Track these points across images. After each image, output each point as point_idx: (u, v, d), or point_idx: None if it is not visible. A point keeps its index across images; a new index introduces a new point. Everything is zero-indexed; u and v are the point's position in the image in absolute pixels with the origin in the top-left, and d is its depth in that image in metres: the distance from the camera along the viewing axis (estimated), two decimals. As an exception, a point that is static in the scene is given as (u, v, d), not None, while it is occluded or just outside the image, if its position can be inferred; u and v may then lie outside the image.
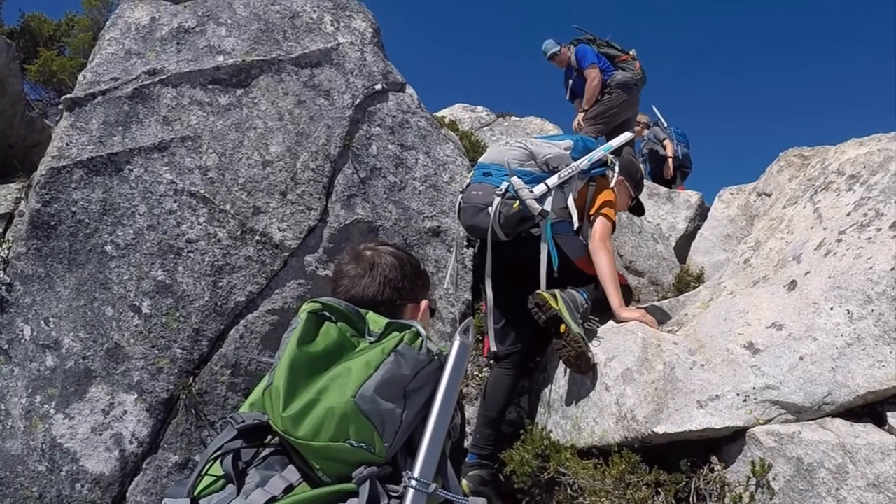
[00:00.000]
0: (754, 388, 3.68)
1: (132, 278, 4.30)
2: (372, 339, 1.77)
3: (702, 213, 6.32)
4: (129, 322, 4.25)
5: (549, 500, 4.26)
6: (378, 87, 5.08)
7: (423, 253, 4.81)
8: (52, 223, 4.29)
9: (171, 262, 4.35)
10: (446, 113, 7.44)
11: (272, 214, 4.52)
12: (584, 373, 4.19)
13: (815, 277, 3.94)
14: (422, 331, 1.76)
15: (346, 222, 4.65)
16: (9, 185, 4.94)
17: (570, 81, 8.91)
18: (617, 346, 4.26)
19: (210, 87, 4.71)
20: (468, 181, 4.44)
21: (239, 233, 4.45)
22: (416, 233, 4.85)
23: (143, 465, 4.12)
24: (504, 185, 4.21)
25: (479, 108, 7.66)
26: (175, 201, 4.45)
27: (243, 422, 1.69)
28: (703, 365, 3.92)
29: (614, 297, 4.39)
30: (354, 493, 1.55)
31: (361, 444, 1.58)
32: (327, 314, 1.81)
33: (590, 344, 4.23)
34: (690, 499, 3.78)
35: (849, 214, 4.08)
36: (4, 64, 5.29)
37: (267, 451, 1.68)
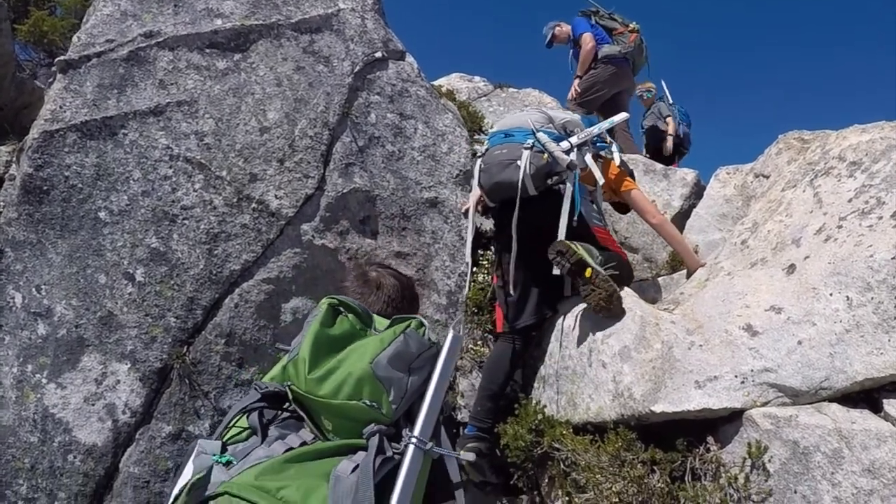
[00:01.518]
0: (752, 371, 3.70)
1: (126, 245, 4.24)
2: (377, 333, 2.12)
3: (697, 192, 6.29)
4: (122, 290, 4.19)
5: (541, 474, 4.30)
6: (378, 54, 4.99)
7: (420, 224, 4.77)
8: (45, 188, 4.21)
9: (165, 229, 4.29)
10: (443, 82, 7.33)
11: (269, 182, 4.46)
12: (617, 315, 4.25)
13: (814, 262, 3.95)
14: (424, 322, 2.13)
15: (344, 191, 4.59)
16: (-1, 147, 4.83)
17: (571, 53, 8.86)
18: (614, 322, 4.28)
19: (208, 50, 4.60)
20: (485, 147, 4.50)
21: (235, 200, 4.39)
22: (414, 203, 4.80)
23: (137, 436, 4.09)
24: (530, 140, 4.32)
25: (477, 78, 7.55)
26: (170, 167, 4.37)
27: (266, 388, 2.04)
28: (701, 345, 3.94)
29: (692, 260, 4.85)
30: (363, 448, 1.87)
31: (374, 404, 1.92)
32: (342, 309, 2.17)
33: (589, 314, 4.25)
34: (686, 477, 3.83)
35: (850, 201, 4.08)
36: (-6, 24, 5.11)
37: (285, 414, 2.03)
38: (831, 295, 3.76)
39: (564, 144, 4.38)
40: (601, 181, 4.46)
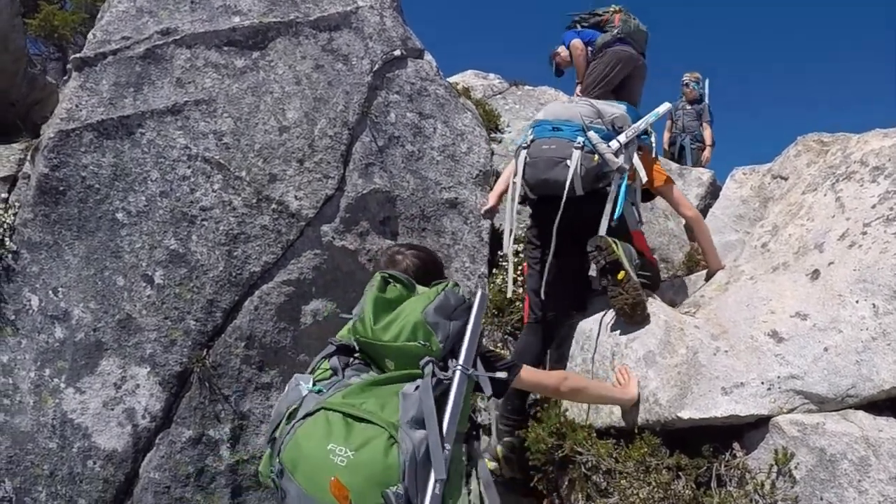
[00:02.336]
0: (779, 377, 3.71)
1: (144, 247, 4.18)
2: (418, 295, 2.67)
3: (713, 192, 6.28)
4: (141, 292, 4.13)
5: (561, 477, 4.28)
6: (397, 52, 4.92)
7: (440, 225, 4.72)
8: (61, 188, 4.14)
9: (184, 230, 4.23)
10: (458, 80, 7.25)
11: (289, 182, 4.40)
12: (638, 323, 4.22)
13: (839, 269, 3.95)
14: (458, 283, 2.79)
15: (364, 192, 4.54)
16: (11, 145, 4.74)
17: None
18: (638, 327, 4.27)
19: (226, 48, 4.52)
20: (529, 138, 4.36)
21: (254, 201, 4.33)
22: (433, 204, 4.75)
23: (157, 441, 4.06)
24: (580, 139, 4.22)
25: (492, 75, 7.46)
26: (189, 167, 4.30)
27: (339, 341, 2.66)
28: (726, 351, 3.94)
29: (715, 261, 4.85)
30: (420, 376, 2.42)
31: (426, 343, 2.49)
32: (391, 279, 2.72)
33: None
34: (711, 484, 3.83)
35: (874, 207, 4.08)
36: (7, 20, 5.05)
37: (355, 361, 2.61)
38: (857, 302, 3.77)
39: (614, 144, 4.30)
40: (645, 180, 4.42)
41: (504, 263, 5.03)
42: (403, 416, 2.30)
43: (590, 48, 8.13)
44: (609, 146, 4.26)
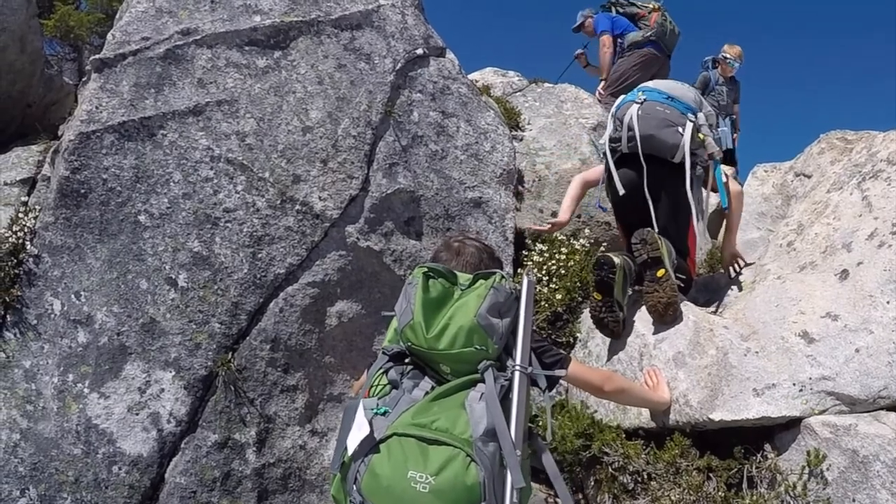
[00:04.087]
0: (810, 379, 3.71)
1: (167, 249, 4.13)
2: (463, 288, 2.67)
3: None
4: (164, 296, 4.09)
5: (587, 478, 4.28)
6: (419, 51, 4.87)
7: (465, 224, 4.68)
8: (82, 191, 4.09)
9: (207, 232, 4.18)
10: (477, 77, 7.20)
11: (312, 183, 4.35)
12: (668, 323, 4.28)
13: (869, 269, 3.95)
14: (504, 273, 2.70)
15: (388, 192, 4.49)
16: (30, 147, 4.70)
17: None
18: (667, 327, 4.26)
19: (247, 48, 4.47)
20: (641, 97, 4.60)
21: (278, 202, 4.28)
22: (458, 203, 4.71)
23: (182, 445, 4.02)
24: (691, 115, 4.52)
25: (511, 72, 7.43)
26: (211, 168, 4.25)
27: (392, 350, 2.66)
28: (757, 352, 3.93)
29: (733, 242, 4.95)
30: (481, 380, 2.50)
31: (482, 347, 2.53)
32: (432, 274, 2.68)
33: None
34: (742, 485, 3.83)
35: (902, 206, 4.08)
36: (24, 21, 5.01)
37: (408, 368, 2.62)
38: (888, 303, 3.78)
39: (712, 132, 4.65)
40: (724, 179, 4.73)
41: (527, 262, 5.05)
42: (475, 430, 2.35)
43: (620, 40, 8.17)
44: (710, 133, 4.60)
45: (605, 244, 5.69)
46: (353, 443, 2.39)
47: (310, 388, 4.27)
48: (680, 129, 4.42)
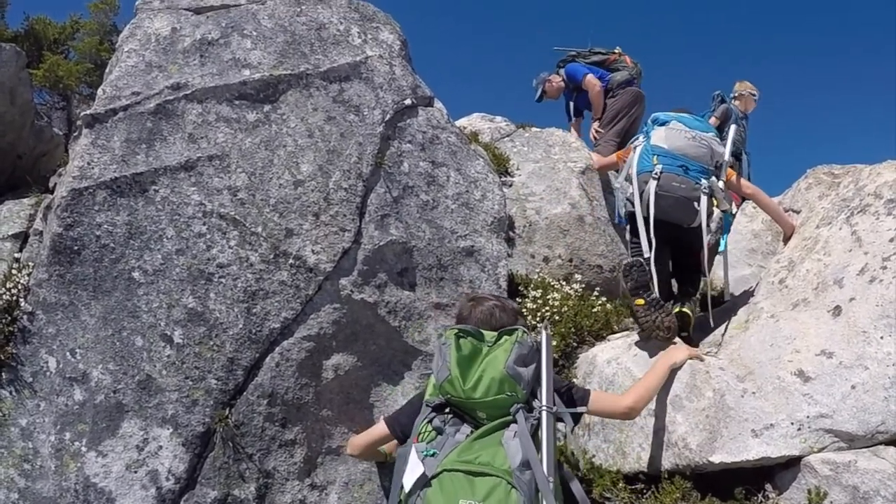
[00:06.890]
0: (808, 417, 3.74)
1: (162, 306, 4.13)
2: (489, 344, 3.21)
3: (724, 226, 6.33)
4: (160, 352, 4.08)
5: (586, 522, 4.26)
6: (407, 101, 4.89)
7: (458, 273, 4.68)
8: (76, 248, 4.09)
9: (202, 288, 4.18)
10: (464, 123, 7.22)
11: (305, 237, 4.36)
12: (660, 341, 4.52)
13: (861, 305, 3.98)
14: (525, 329, 3.26)
15: (381, 244, 4.50)
16: (21, 200, 4.71)
17: (570, 103, 8.99)
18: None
19: (237, 102, 4.49)
20: (657, 169, 4.81)
21: (272, 256, 4.29)
22: (450, 253, 4.72)
23: (181, 502, 3.99)
24: (704, 182, 4.81)
25: (499, 118, 7.46)
26: (204, 224, 4.26)
27: (434, 402, 3.20)
28: (754, 392, 3.96)
29: (787, 223, 5.32)
30: (513, 421, 3.03)
31: (512, 394, 3.08)
32: (462, 334, 3.22)
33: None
34: (746, 525, 3.84)
35: (891, 241, 4.12)
36: (14, 73, 5.02)
37: (449, 416, 3.15)
38: (882, 338, 3.81)
39: (721, 185, 4.96)
40: (734, 210, 5.35)
41: (523, 309, 5.09)
42: (513, 462, 2.86)
43: (602, 83, 8.39)
44: (722, 189, 4.92)
45: (597, 288, 5.72)
46: (409, 481, 2.89)
47: (308, 441, 4.25)
48: (696, 205, 4.73)
